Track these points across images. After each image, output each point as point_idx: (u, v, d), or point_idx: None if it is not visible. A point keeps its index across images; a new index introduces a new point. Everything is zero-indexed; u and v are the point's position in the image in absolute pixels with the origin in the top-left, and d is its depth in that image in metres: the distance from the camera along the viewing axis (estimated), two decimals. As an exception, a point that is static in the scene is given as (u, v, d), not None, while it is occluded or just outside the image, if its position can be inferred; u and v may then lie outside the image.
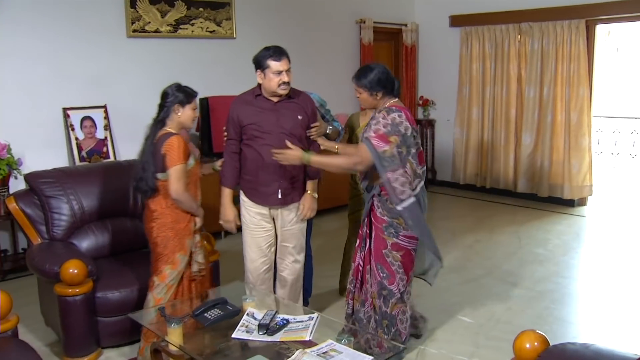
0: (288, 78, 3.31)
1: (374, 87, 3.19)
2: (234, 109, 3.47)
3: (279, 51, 3.31)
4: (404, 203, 3.16)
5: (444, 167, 8.68)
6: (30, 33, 5.14)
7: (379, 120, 3.13)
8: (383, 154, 3.10)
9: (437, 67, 8.53)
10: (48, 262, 3.43)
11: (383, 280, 3.31)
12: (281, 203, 3.51)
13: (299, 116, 3.45)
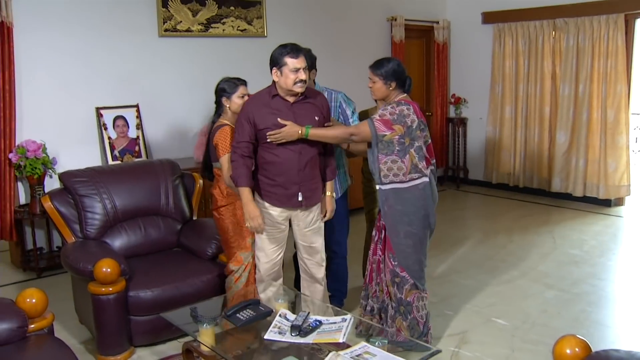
0: (305, 76, 3.22)
1: (389, 77, 3.29)
2: (249, 111, 3.31)
3: (296, 48, 3.22)
4: (384, 186, 3.30)
5: (476, 166, 8.55)
6: (64, 33, 5.21)
7: (387, 109, 3.26)
8: (382, 137, 3.22)
9: (469, 65, 8.41)
10: (82, 261, 3.46)
11: (395, 269, 3.38)
12: (302, 205, 3.43)
13: (316, 117, 3.37)
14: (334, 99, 3.84)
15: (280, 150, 3.30)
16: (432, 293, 4.47)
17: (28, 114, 5.07)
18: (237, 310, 2.92)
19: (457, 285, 4.67)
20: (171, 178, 4.22)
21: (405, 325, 3.40)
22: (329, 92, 3.84)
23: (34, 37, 5.05)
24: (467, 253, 5.48)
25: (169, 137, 5.87)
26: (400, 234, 3.33)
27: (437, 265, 5.15)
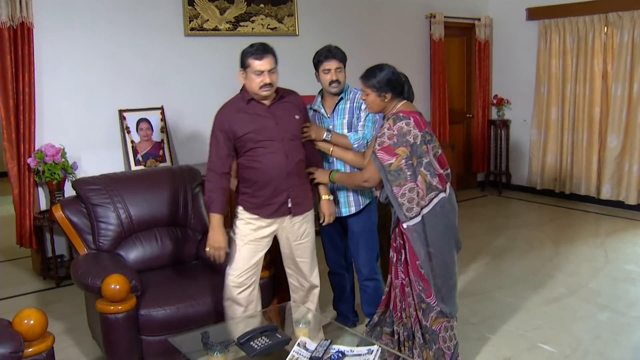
0: (270, 79, 3.00)
1: (383, 88, 2.98)
2: (225, 120, 3.08)
3: (262, 49, 2.99)
4: (410, 222, 2.95)
5: (519, 171, 8.10)
6: (86, 32, 5.02)
7: (384, 132, 2.94)
8: (389, 168, 2.93)
9: (513, 64, 7.96)
10: (91, 276, 3.22)
11: (421, 293, 3.04)
12: (291, 213, 3.18)
13: (296, 116, 3.19)
14: (356, 99, 3.49)
15: (266, 157, 3.06)
16: (471, 312, 4.11)
17: (49, 117, 4.90)
18: (251, 337, 2.63)
19: (499, 303, 4.28)
20: (191, 186, 3.97)
21: (431, 355, 3.05)
22: (354, 92, 3.51)
23: (55, 37, 4.88)
24: (509, 266, 5.08)
25: (195, 140, 5.63)
26: (421, 256, 2.98)
27: (477, 280, 4.76)
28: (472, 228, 6.32)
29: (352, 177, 3.20)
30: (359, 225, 3.57)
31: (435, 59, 7.42)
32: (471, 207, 7.45)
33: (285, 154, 3.08)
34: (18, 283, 4.96)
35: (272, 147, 3.06)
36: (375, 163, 2.95)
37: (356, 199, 3.51)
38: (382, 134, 2.94)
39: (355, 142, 3.39)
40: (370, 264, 3.64)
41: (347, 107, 3.47)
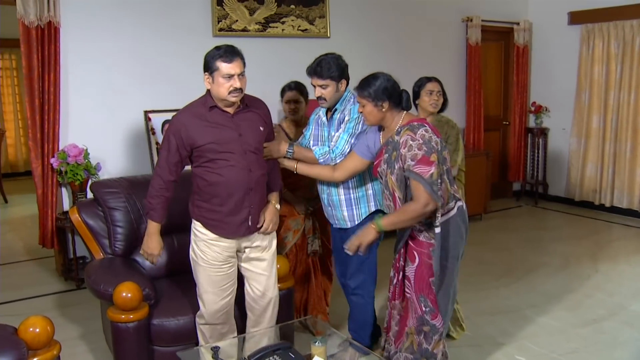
0: (240, 84, 2.77)
1: (379, 97, 2.77)
2: (182, 126, 2.81)
3: (231, 51, 2.74)
4: (436, 229, 2.75)
5: (557, 181, 7.79)
6: (113, 32, 4.96)
7: (410, 145, 2.68)
8: (431, 179, 2.64)
9: (553, 70, 7.67)
10: (103, 282, 3.12)
11: (425, 315, 2.82)
12: (251, 231, 2.97)
13: (261, 127, 2.96)
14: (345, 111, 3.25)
15: (227, 170, 2.82)
16: (501, 331, 3.89)
17: (74, 117, 4.86)
18: (263, 356, 2.48)
19: (531, 322, 4.05)
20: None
21: None
22: (349, 103, 3.27)
23: (82, 36, 4.83)
24: (544, 283, 4.82)
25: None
26: (437, 270, 2.78)
27: (508, 297, 4.53)
28: (505, 240, 6.06)
29: (406, 213, 2.71)
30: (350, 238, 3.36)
31: (471, 64, 7.19)
32: (505, 217, 7.18)
33: (247, 168, 2.86)
34: (39, 283, 4.92)
35: (234, 160, 2.82)
36: (421, 182, 2.64)
37: (351, 215, 3.32)
38: (408, 147, 2.68)
39: (321, 157, 3.18)
40: (359, 279, 3.41)
41: (338, 117, 3.28)
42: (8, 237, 6.55)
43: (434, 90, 3.59)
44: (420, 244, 2.81)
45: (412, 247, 2.84)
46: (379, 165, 2.88)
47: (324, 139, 3.35)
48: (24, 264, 5.52)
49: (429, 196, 2.63)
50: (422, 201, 2.64)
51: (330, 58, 3.15)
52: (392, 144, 2.80)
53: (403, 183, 2.74)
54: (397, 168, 2.74)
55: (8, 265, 5.50)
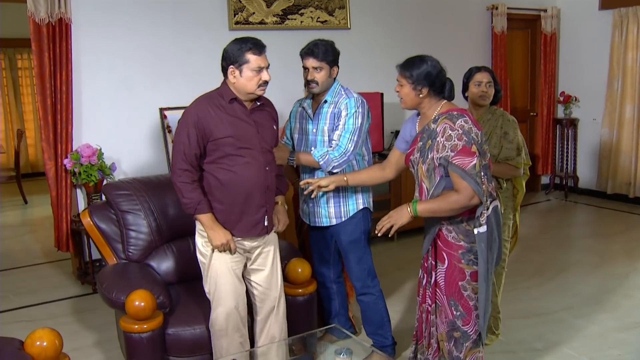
0: (269, 77, 2.68)
1: (419, 81, 2.58)
2: (200, 116, 2.64)
3: (260, 43, 2.65)
4: (481, 228, 2.53)
5: (587, 174, 7.51)
6: (127, 28, 4.83)
7: (449, 134, 2.49)
8: (474, 170, 2.45)
9: (582, 58, 7.36)
10: (115, 290, 2.98)
11: (456, 320, 2.63)
12: (267, 232, 2.86)
13: (274, 126, 2.89)
14: (338, 104, 3.13)
15: (245, 167, 2.68)
16: (535, 336, 3.67)
17: (88, 117, 4.73)
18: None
19: (568, 326, 3.82)
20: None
21: None
22: (340, 95, 3.16)
23: (95, 33, 4.69)
24: (578, 282, 4.58)
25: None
26: (482, 271, 2.58)
27: (541, 298, 4.30)
28: (534, 237, 5.81)
29: (446, 202, 2.50)
30: (347, 235, 3.26)
31: (496, 54, 6.92)
32: (534, 212, 6.92)
33: (265, 166, 2.75)
34: (56, 287, 4.81)
35: (251, 157, 2.70)
36: (459, 172, 2.45)
37: (337, 211, 3.22)
38: (447, 136, 2.49)
39: (321, 159, 3.06)
40: (362, 277, 3.30)
41: (329, 112, 3.14)
42: (26, 239, 6.48)
43: (482, 81, 3.38)
44: (449, 245, 2.62)
45: (441, 247, 2.66)
46: (412, 153, 2.69)
47: (308, 133, 3.22)
48: (41, 267, 5.42)
49: (472, 189, 2.44)
50: (466, 193, 2.45)
51: (327, 42, 3.10)
52: (427, 131, 2.60)
53: (434, 173, 2.55)
54: (430, 157, 2.55)
55: (25, 268, 5.40)
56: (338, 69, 3.16)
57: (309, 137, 3.22)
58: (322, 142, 3.17)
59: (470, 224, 2.56)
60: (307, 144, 3.23)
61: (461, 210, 2.52)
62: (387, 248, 5.50)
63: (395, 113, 6.15)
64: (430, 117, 2.63)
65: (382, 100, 5.55)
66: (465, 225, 2.58)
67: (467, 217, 2.57)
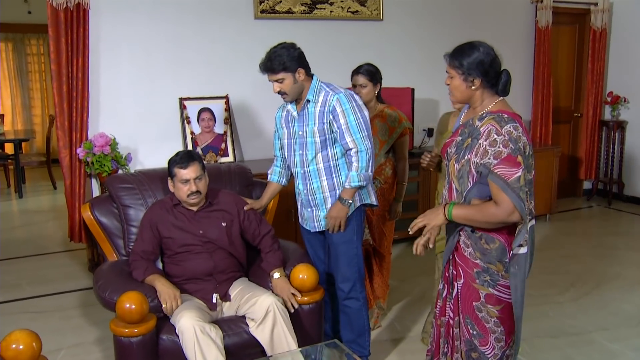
0: (197, 187, 2.96)
1: (471, 71, 2.27)
2: (152, 217, 3.04)
3: (187, 157, 2.98)
4: (521, 249, 2.24)
5: (634, 180, 7.06)
6: (148, 15, 4.68)
7: (493, 138, 2.18)
8: (517, 184, 2.14)
9: (634, 56, 6.90)
10: (109, 289, 2.81)
11: (473, 340, 2.38)
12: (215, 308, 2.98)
13: (223, 223, 3.06)
14: (327, 102, 2.94)
15: (190, 262, 2.99)
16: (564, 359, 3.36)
17: (105, 105, 4.60)
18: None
19: (602, 350, 3.49)
20: (239, 188, 3.49)
21: None
22: (326, 93, 2.96)
23: (115, 19, 4.55)
24: (617, 300, 4.23)
25: (261, 134, 5.18)
26: (482, 297, 2.34)
27: (574, 316, 3.97)
28: (572, 245, 5.43)
29: (483, 214, 2.23)
30: (339, 236, 3.05)
31: (540, 50, 6.53)
32: (574, 219, 6.53)
33: (210, 257, 3.00)
34: (69, 278, 4.73)
35: (194, 254, 2.99)
36: (499, 184, 2.16)
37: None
38: (491, 141, 2.19)
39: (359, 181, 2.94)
40: (352, 279, 3.11)
41: (317, 111, 2.96)
42: (49, 225, 6.45)
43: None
44: (465, 260, 2.36)
45: (457, 261, 2.40)
46: (449, 145, 2.41)
47: (295, 136, 3.04)
48: (58, 255, 5.36)
49: (512, 204, 2.14)
50: (506, 208, 2.15)
51: (280, 49, 2.90)
52: (469, 127, 2.31)
53: (467, 177, 2.27)
54: (466, 159, 2.26)
55: (44, 256, 5.35)
56: (305, 68, 2.95)
57: (296, 140, 3.04)
58: (312, 144, 2.98)
59: (489, 243, 2.28)
60: (295, 147, 3.06)
61: (497, 225, 2.23)
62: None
63: (427, 110, 5.85)
64: (478, 112, 2.32)
65: (413, 96, 5.26)
66: (484, 243, 2.29)
67: (486, 234, 2.29)
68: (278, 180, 3.30)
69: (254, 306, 2.85)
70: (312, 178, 3.03)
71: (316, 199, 3.05)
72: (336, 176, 3.01)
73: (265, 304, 2.82)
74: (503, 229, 2.26)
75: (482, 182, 2.23)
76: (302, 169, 3.05)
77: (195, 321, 2.66)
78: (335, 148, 2.99)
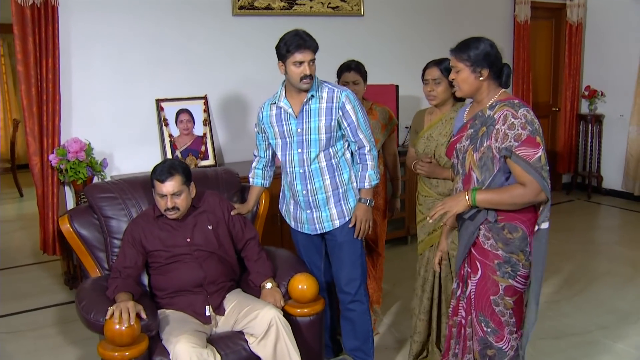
0: (173, 203, 2.78)
1: (479, 62, 2.33)
2: (135, 230, 2.85)
3: (167, 169, 2.77)
4: (544, 224, 2.28)
5: (612, 173, 7.08)
6: (124, 13, 4.43)
7: (511, 122, 2.22)
8: (539, 163, 2.20)
9: (610, 51, 6.91)
10: (94, 310, 2.59)
11: (487, 337, 2.39)
12: (210, 321, 2.80)
13: (209, 226, 2.91)
14: (335, 98, 2.82)
15: (178, 272, 2.80)
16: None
17: (78, 108, 4.34)
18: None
19: (605, 350, 3.42)
20: (227, 194, 3.30)
21: None
22: (330, 89, 2.85)
23: (86, 18, 4.29)
24: (612, 297, 4.17)
25: (242, 135, 4.97)
26: (501, 289, 2.33)
27: (572, 314, 3.89)
28: (559, 241, 5.37)
29: (509, 195, 2.23)
30: (343, 234, 2.93)
31: (519, 44, 6.49)
32: (556, 213, 6.49)
33: (199, 267, 2.81)
34: (43, 292, 4.46)
35: (182, 263, 2.81)
36: (522, 165, 2.19)
37: (340, 211, 2.92)
38: (509, 124, 2.23)
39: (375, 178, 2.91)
40: (357, 280, 2.99)
41: (322, 107, 2.82)
42: (17, 236, 6.13)
43: (428, 79, 3.04)
44: (485, 253, 2.35)
45: (475, 256, 2.39)
46: (458, 141, 2.44)
47: (292, 134, 2.86)
48: (30, 268, 5.07)
49: (537, 184, 2.17)
50: (533, 187, 2.19)
51: (304, 32, 2.78)
52: (481, 118, 2.34)
53: (491, 163, 2.27)
54: (486, 146, 2.28)
55: (13, 269, 5.05)
56: None
57: (293, 138, 2.86)
58: (317, 142, 2.83)
59: (512, 232, 2.29)
60: (292, 146, 2.88)
61: (524, 205, 2.27)
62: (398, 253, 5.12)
63: (412, 107, 5.71)
64: (485, 104, 2.36)
65: (397, 94, 5.14)
66: (507, 232, 2.30)
67: (509, 223, 2.29)
68: (262, 183, 3.15)
69: (254, 320, 2.67)
70: (314, 177, 2.87)
71: (318, 199, 2.90)
72: (338, 174, 2.88)
73: (267, 318, 2.65)
74: (528, 213, 2.29)
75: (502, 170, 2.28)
76: (302, 168, 2.87)
77: (191, 347, 2.46)
78: (337, 146, 2.86)
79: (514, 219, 2.28)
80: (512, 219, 2.28)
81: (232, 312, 2.81)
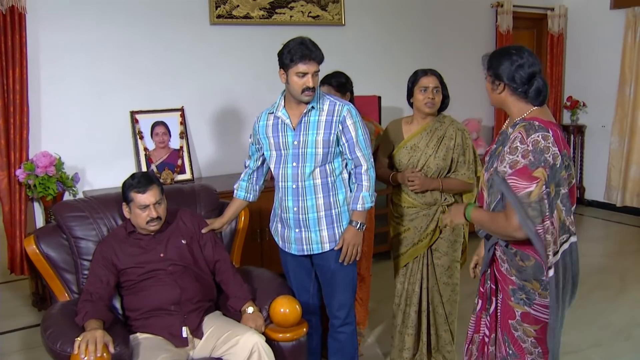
0: (157, 212, 2.67)
1: (497, 76, 2.18)
2: (105, 255, 2.69)
3: (146, 179, 2.68)
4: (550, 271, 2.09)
5: (595, 184, 7.04)
6: (97, 21, 4.28)
7: (516, 146, 2.06)
8: (527, 199, 2.00)
9: (591, 61, 6.89)
10: (61, 339, 2.39)
11: (508, 358, 2.26)
12: (187, 343, 2.63)
13: (183, 241, 2.79)
14: (336, 112, 2.69)
15: (152, 289, 2.65)
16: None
17: (47, 120, 4.17)
18: None
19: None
20: (205, 212, 3.12)
21: None
22: (331, 102, 2.72)
23: (56, 25, 4.13)
24: (604, 312, 4.08)
25: (221, 148, 4.81)
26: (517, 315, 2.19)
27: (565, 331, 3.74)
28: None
29: (494, 223, 2.15)
30: (335, 259, 2.77)
31: (501, 55, 6.42)
32: (540, 226, 6.42)
33: (175, 283, 2.67)
34: (9, 315, 4.22)
35: (156, 280, 2.66)
36: (508, 196, 2.04)
37: (332, 234, 2.76)
38: (513, 148, 2.06)
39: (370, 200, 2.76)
40: (347, 305, 2.87)
41: (322, 119, 2.69)
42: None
43: (428, 87, 2.99)
44: (502, 275, 2.24)
45: (495, 274, 2.28)
46: (487, 154, 2.33)
47: (287, 147, 2.72)
48: (-5, 288, 4.83)
49: (516, 220, 2.01)
50: (513, 223, 2.04)
51: (310, 41, 2.67)
52: (503, 134, 2.21)
53: (495, 189, 2.14)
54: (494, 168, 2.15)
55: (-22, 289, 4.81)
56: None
57: (289, 151, 2.72)
58: (312, 156, 2.68)
59: (524, 260, 2.13)
60: (287, 159, 2.73)
61: (506, 239, 2.13)
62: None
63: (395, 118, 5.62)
64: (514, 119, 2.20)
65: (380, 105, 5.01)
66: (519, 259, 2.14)
67: (520, 250, 2.13)
68: (245, 196, 2.98)
69: (236, 347, 2.51)
70: (307, 195, 2.71)
71: (308, 218, 2.73)
72: (333, 194, 2.72)
73: (249, 345, 2.49)
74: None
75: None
76: (294, 183, 2.71)
77: None
78: (334, 163, 2.71)
79: (526, 247, 2.11)
80: (524, 247, 2.11)
81: (211, 336, 2.65)
